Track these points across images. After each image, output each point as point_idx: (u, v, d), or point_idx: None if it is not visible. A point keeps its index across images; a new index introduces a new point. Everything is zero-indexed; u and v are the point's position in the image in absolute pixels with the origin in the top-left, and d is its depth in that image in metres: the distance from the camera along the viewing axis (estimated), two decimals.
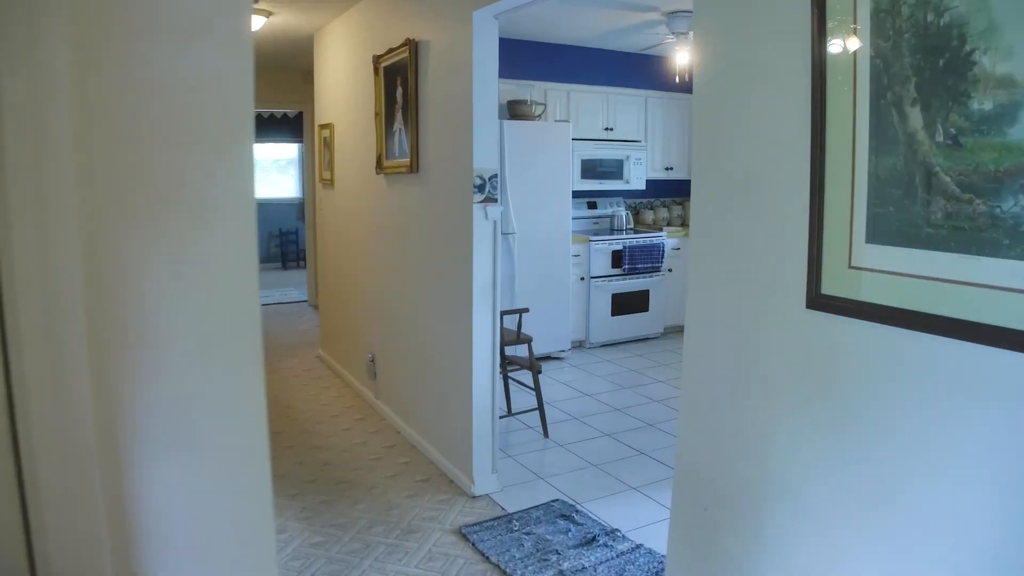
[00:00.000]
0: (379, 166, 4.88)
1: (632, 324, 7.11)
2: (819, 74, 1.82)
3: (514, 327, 4.68)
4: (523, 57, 6.70)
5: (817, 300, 1.86)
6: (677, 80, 5.91)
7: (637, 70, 7.51)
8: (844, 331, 1.83)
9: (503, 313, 4.28)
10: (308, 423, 4.96)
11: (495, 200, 3.68)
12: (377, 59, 4.75)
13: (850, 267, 1.78)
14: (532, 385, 4.67)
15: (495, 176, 3.66)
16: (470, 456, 3.82)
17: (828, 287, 1.83)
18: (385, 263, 4.91)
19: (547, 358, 6.47)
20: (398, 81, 4.49)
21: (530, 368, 4.55)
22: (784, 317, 2.02)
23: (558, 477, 4.07)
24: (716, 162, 2.28)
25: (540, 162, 6.15)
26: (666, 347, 7.05)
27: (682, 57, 5.72)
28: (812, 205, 1.86)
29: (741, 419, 2.23)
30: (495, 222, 3.68)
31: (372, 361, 5.16)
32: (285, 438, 4.68)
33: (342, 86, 5.69)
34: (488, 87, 3.59)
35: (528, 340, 4.54)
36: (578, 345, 6.88)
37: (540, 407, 4.61)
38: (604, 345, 7.01)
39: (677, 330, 7.59)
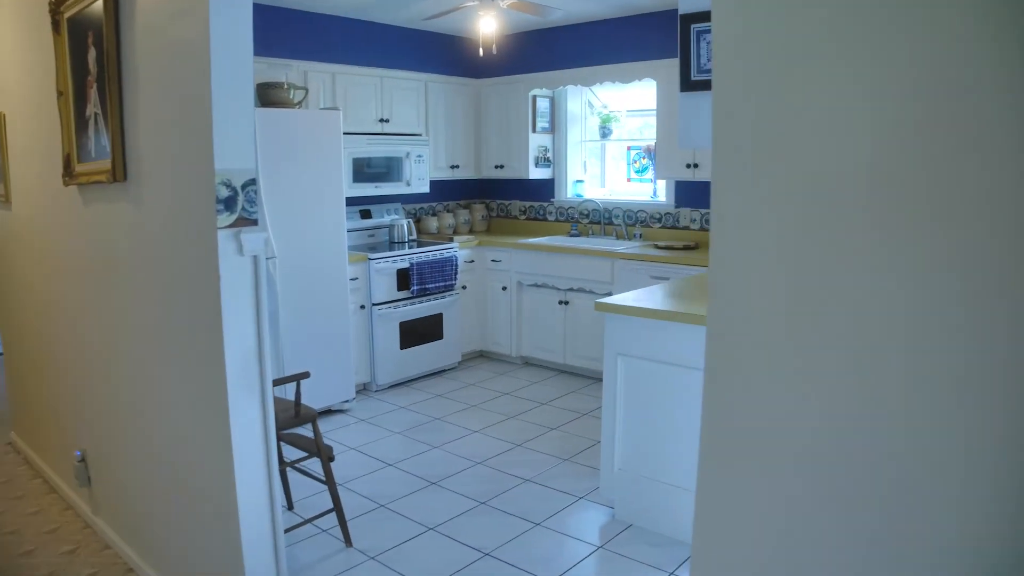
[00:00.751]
0: (68, 173, 3.26)
1: (425, 356, 5.91)
2: None
3: (290, 396, 3.31)
4: (276, 29, 5.24)
5: None
6: (482, 54, 4.77)
7: (416, 48, 6.30)
8: None
9: (274, 382, 2.90)
10: None
11: (254, 221, 2.31)
12: (57, 7, 3.13)
13: None
14: (321, 475, 3.32)
15: (252, 183, 2.29)
16: None
17: None
18: (90, 320, 3.30)
19: (328, 412, 5.08)
20: (90, 40, 2.92)
21: (317, 454, 3.20)
22: None
23: None
24: (791, 147, 1.15)
25: (304, 162, 4.74)
26: (467, 380, 5.93)
27: (487, 25, 4.58)
28: None
29: None
30: (256, 257, 2.31)
31: (82, 461, 3.51)
32: None
33: (11, 56, 3.92)
34: (237, 41, 2.19)
35: (313, 417, 3.18)
36: (363, 389, 5.56)
37: (337, 507, 3.26)
38: (394, 385, 5.74)
39: (475, 357, 6.52)
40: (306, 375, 3.17)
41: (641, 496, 3.51)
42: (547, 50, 6.34)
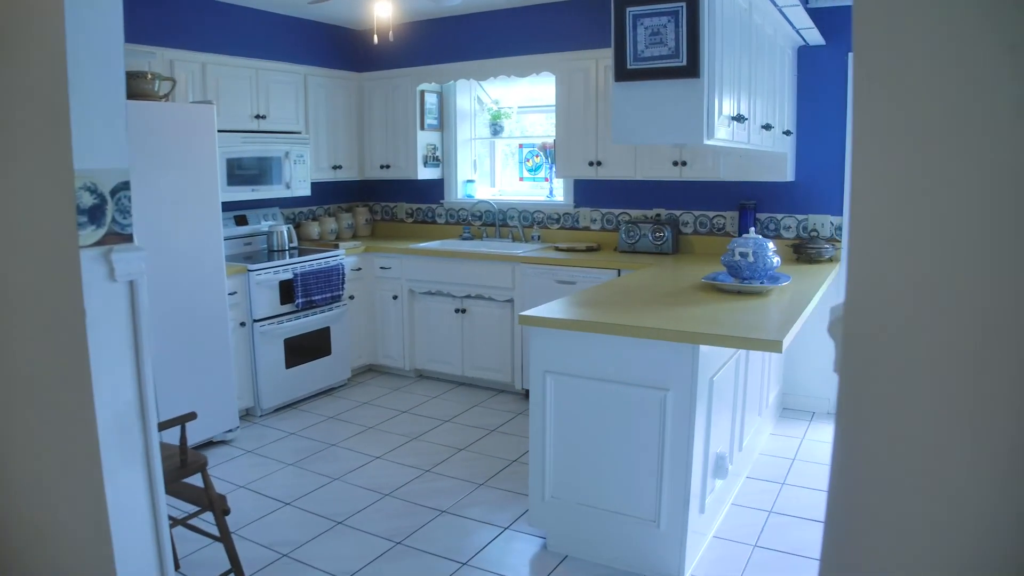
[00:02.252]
0: None
1: (313, 374, 5.40)
2: None
3: (172, 440, 2.78)
4: (138, 10, 4.54)
5: None
6: (376, 41, 4.32)
7: (294, 38, 5.74)
8: None
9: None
10: None
11: (128, 236, 1.83)
12: None
13: None
14: (214, 528, 2.82)
15: (124, 188, 1.81)
16: None
17: None
18: None
19: (209, 444, 4.50)
20: None
21: (210, 507, 2.70)
22: None
23: None
24: None
25: (174, 162, 4.14)
26: (359, 398, 5.46)
27: (384, 9, 4.13)
28: None
29: None
30: (133, 283, 1.82)
31: None
32: None
33: None
34: None
35: (202, 465, 2.68)
36: (246, 415, 4.99)
37: (236, 568, 2.77)
38: (281, 408, 5.20)
39: (365, 371, 6.06)
40: (192, 417, 2.66)
41: (577, 525, 3.21)
42: (437, 42, 5.95)
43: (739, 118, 3.13)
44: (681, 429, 2.94)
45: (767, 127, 3.71)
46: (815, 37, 4.56)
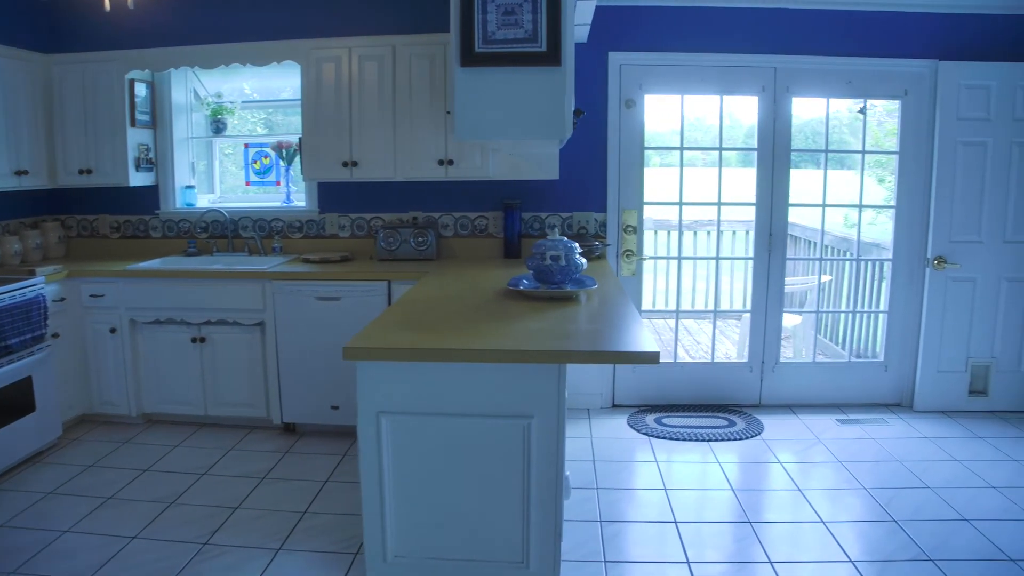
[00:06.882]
0: None
1: (15, 439, 4.22)
2: None
3: None
4: None
5: None
6: (108, 8, 3.33)
7: None
8: None
9: None
10: None
11: None
12: None
13: None
14: None
15: None
16: None
17: None
18: None
19: None
20: None
21: None
22: None
23: None
24: None
25: None
26: (80, 460, 4.39)
27: None
28: None
29: None
30: None
31: None
32: None
33: None
34: None
35: None
36: None
37: None
38: None
39: (79, 423, 4.96)
40: None
41: None
42: (151, 18, 4.95)
43: (578, 112, 2.88)
44: (548, 458, 2.64)
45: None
46: (582, 34, 4.49)
